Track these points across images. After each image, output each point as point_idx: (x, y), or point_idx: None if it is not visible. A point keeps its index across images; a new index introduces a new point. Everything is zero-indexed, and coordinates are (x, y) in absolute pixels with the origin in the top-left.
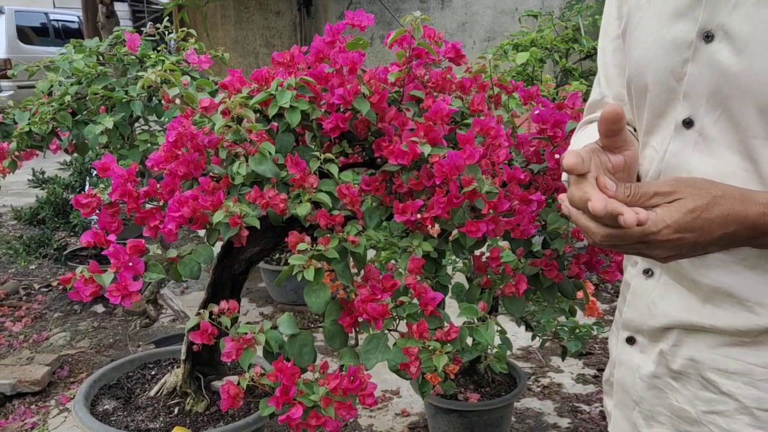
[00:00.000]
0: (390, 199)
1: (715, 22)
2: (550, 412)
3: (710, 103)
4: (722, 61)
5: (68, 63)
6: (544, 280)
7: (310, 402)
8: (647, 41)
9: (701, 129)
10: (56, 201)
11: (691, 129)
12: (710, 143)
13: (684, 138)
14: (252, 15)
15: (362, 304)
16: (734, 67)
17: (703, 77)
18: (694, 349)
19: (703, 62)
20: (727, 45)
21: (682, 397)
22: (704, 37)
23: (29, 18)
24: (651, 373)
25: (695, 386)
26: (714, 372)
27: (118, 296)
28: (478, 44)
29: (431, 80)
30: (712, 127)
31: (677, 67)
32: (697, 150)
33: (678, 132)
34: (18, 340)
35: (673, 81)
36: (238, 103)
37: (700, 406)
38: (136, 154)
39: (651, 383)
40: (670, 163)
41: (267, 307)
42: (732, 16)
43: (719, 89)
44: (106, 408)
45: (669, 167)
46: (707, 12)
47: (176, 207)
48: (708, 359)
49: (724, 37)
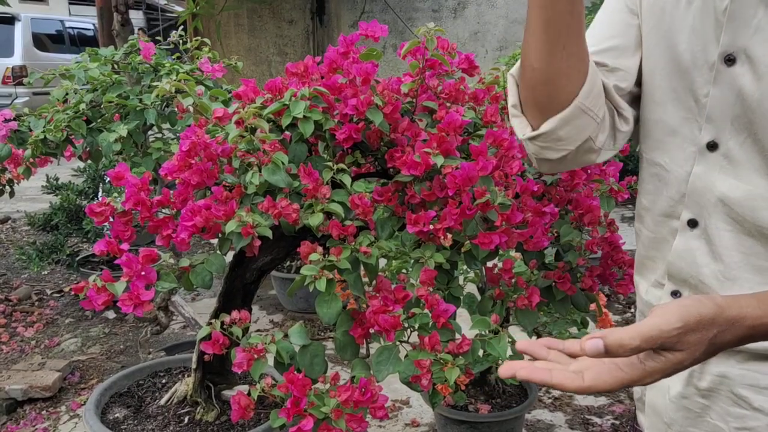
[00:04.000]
0: (402, 210)
1: (737, 45)
2: (561, 424)
3: (735, 126)
4: (744, 86)
5: (83, 71)
6: (557, 293)
7: (321, 414)
8: (665, 56)
9: (727, 152)
10: (69, 207)
11: (715, 152)
12: (736, 166)
13: (709, 161)
14: (265, 23)
15: (374, 315)
16: (756, 93)
17: (726, 100)
18: (724, 366)
19: (725, 85)
20: (749, 69)
21: (715, 414)
22: (726, 60)
23: (45, 25)
24: (679, 393)
25: (726, 403)
26: (745, 388)
27: (130, 305)
28: (491, 53)
29: (444, 91)
30: (738, 150)
31: (696, 87)
32: (722, 173)
33: (702, 155)
34: (30, 345)
35: (691, 101)
36: (251, 113)
37: (732, 423)
38: (149, 162)
39: (680, 404)
40: (695, 186)
41: (277, 314)
42: (753, 40)
43: (743, 113)
44: (117, 416)
45: (694, 190)
46: (729, 35)
47: (189, 216)
48: (738, 375)
49: (746, 61)
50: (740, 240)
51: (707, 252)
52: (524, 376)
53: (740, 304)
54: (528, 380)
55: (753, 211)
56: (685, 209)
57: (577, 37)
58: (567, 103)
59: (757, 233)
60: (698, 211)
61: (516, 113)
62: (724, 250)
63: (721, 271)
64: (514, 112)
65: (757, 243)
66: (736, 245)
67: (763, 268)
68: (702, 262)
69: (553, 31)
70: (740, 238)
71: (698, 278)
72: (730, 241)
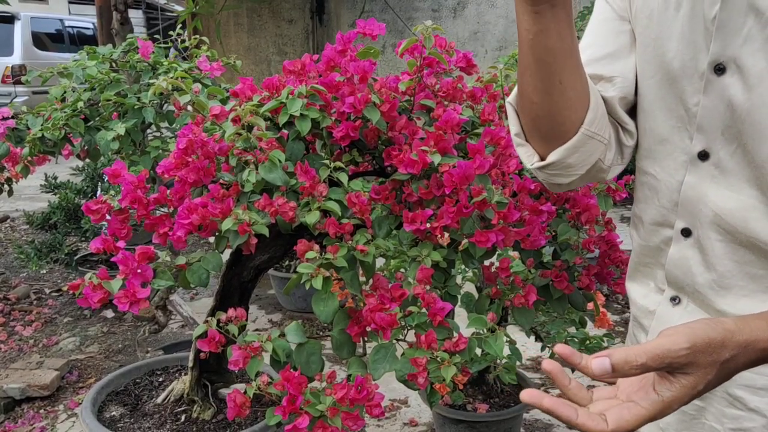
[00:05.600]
0: (399, 208)
1: (726, 54)
2: (559, 423)
3: (725, 136)
4: (734, 96)
5: (81, 69)
6: (554, 292)
7: (317, 412)
8: (652, 64)
9: (718, 162)
10: (68, 206)
11: (707, 161)
12: (728, 176)
13: (700, 171)
14: (265, 23)
15: (370, 313)
16: (746, 104)
17: (716, 110)
18: None
19: (715, 95)
20: (739, 80)
21: (711, 415)
22: (715, 70)
23: (45, 24)
24: None
25: (721, 404)
26: (741, 388)
27: (126, 303)
28: (490, 53)
29: (442, 89)
30: (729, 160)
31: (686, 96)
32: (714, 183)
33: (694, 164)
34: (28, 344)
35: (681, 110)
36: (248, 110)
37: (728, 424)
38: (147, 161)
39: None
40: (687, 195)
41: (276, 314)
42: (743, 50)
43: (733, 124)
44: (113, 414)
45: (687, 199)
46: (718, 44)
47: (186, 214)
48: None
49: (736, 71)
50: (733, 249)
51: (700, 261)
52: (549, 406)
53: (751, 327)
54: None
55: (745, 222)
56: (678, 218)
57: (572, 71)
58: (573, 132)
59: (749, 244)
60: (691, 220)
61: (520, 142)
62: (717, 259)
63: (715, 280)
64: (517, 141)
65: (749, 252)
66: (728, 254)
67: (758, 276)
68: (696, 271)
69: (546, 69)
70: (732, 247)
71: (693, 287)
72: (722, 251)
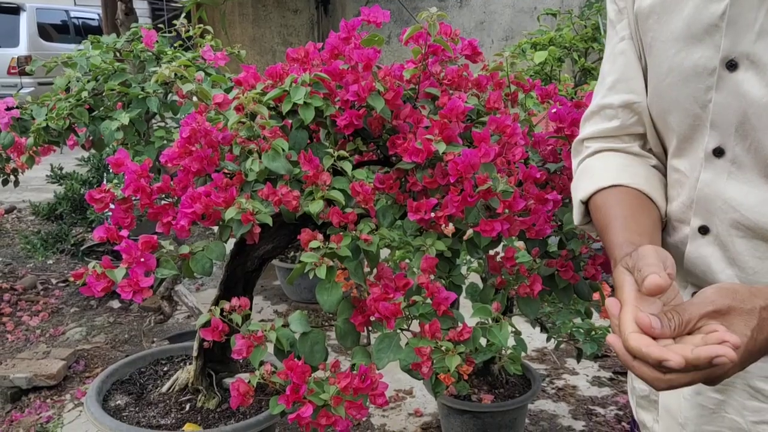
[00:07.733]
0: (404, 198)
1: (738, 50)
2: (564, 414)
3: (740, 132)
4: (749, 92)
5: (86, 59)
6: (559, 281)
7: (321, 401)
8: (663, 66)
9: (734, 158)
10: (74, 197)
11: (722, 158)
12: (746, 172)
13: (716, 167)
14: (270, 13)
15: (374, 302)
16: (763, 99)
17: (729, 106)
18: None
19: (728, 91)
20: (754, 75)
21: (731, 408)
22: (728, 66)
23: (50, 15)
24: (693, 390)
25: (742, 396)
26: (762, 380)
27: (129, 292)
28: (497, 43)
29: (447, 77)
30: (745, 155)
31: (700, 94)
32: (732, 179)
33: (709, 161)
34: (35, 334)
35: (697, 108)
36: (251, 99)
37: (750, 417)
38: (151, 151)
39: (694, 401)
40: (703, 192)
41: (281, 305)
42: (757, 46)
43: (747, 119)
44: (119, 403)
45: (703, 197)
46: (729, 40)
47: (189, 203)
48: (755, 367)
49: (750, 67)
50: (754, 245)
51: (722, 258)
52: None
53: None
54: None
55: (765, 216)
56: (694, 216)
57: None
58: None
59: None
60: (708, 217)
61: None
62: (739, 255)
63: (738, 275)
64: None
65: None
66: (750, 250)
67: None
68: (717, 268)
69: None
70: (754, 243)
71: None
72: (743, 247)
